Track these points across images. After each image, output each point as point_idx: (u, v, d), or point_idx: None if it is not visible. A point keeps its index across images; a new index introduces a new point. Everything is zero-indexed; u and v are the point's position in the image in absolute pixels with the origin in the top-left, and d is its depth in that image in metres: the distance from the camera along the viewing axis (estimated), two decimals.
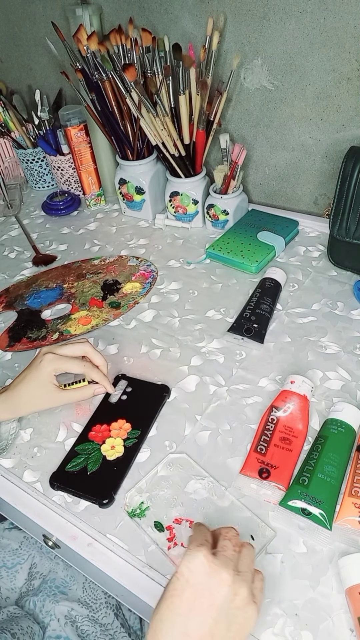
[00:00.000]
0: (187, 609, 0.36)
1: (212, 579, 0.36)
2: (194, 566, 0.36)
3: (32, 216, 1.11)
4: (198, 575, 0.36)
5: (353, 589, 0.43)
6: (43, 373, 0.58)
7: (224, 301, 0.79)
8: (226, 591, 0.36)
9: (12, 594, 0.71)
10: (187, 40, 0.89)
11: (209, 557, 0.37)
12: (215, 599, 0.36)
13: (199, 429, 0.61)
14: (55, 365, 0.58)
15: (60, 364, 0.58)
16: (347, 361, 0.67)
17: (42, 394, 0.59)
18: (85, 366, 0.59)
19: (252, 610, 0.37)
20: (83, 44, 0.86)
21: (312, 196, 0.95)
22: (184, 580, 0.36)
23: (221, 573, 0.36)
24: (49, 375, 0.58)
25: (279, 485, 0.53)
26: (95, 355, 0.62)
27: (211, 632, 0.35)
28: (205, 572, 0.36)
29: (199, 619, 0.35)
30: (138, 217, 1.04)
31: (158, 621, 0.36)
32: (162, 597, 0.37)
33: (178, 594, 0.36)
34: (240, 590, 0.36)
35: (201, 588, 0.36)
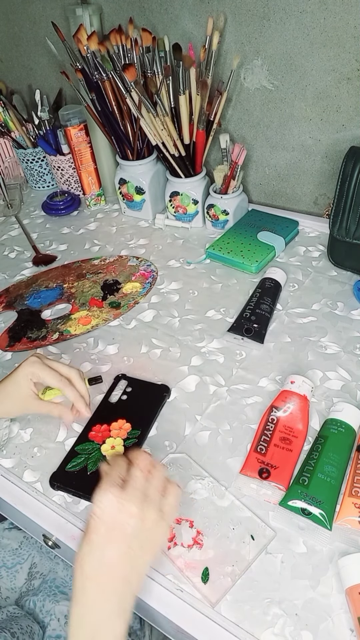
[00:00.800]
0: (103, 542, 0.41)
1: (121, 514, 0.41)
2: (105, 505, 0.42)
3: (32, 216, 1.11)
4: (109, 513, 0.41)
5: (353, 589, 0.43)
6: (20, 372, 0.57)
7: (224, 301, 0.79)
8: (135, 522, 0.41)
9: (12, 594, 0.71)
10: (187, 40, 0.89)
11: (117, 494, 0.42)
12: (126, 530, 0.41)
13: (199, 429, 0.61)
14: (34, 368, 0.57)
15: (39, 370, 0.57)
16: (347, 361, 0.67)
17: (16, 396, 0.58)
18: (61, 381, 0.57)
19: (162, 527, 0.43)
20: (83, 44, 0.86)
21: (312, 196, 0.95)
22: (97, 519, 0.41)
23: (129, 507, 0.41)
24: (25, 377, 0.57)
25: (279, 485, 0.53)
26: (79, 383, 0.59)
27: (127, 555, 0.41)
28: (115, 509, 0.41)
29: (114, 548, 0.41)
30: (138, 217, 1.04)
31: (81, 555, 0.41)
32: (83, 536, 0.42)
33: (94, 530, 0.41)
34: (148, 515, 0.42)
35: (113, 523, 0.41)
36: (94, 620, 0.40)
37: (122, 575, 0.41)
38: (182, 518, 0.52)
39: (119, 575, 0.41)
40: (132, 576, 0.42)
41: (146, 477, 0.44)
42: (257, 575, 0.47)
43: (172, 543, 0.50)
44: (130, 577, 0.42)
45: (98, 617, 0.40)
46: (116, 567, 0.41)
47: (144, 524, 0.42)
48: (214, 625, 0.45)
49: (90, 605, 0.40)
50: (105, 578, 0.41)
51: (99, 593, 0.40)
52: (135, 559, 0.42)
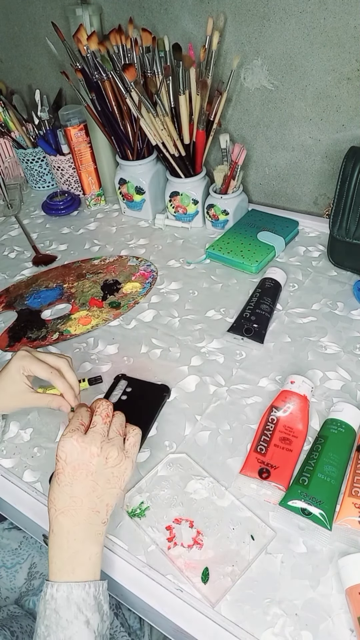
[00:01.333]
0: (70, 480, 0.46)
1: (83, 455, 0.47)
2: (67, 449, 0.47)
3: (32, 216, 1.11)
4: (72, 455, 0.47)
5: (353, 589, 0.43)
6: (11, 367, 0.57)
7: (224, 301, 0.79)
8: (97, 460, 0.47)
9: (12, 594, 0.71)
10: (187, 40, 0.89)
11: (79, 438, 0.47)
12: (90, 468, 0.47)
13: (199, 429, 0.61)
14: (24, 362, 0.57)
15: (29, 363, 0.57)
16: (347, 361, 0.67)
17: (11, 391, 0.58)
18: (52, 373, 0.57)
19: (126, 463, 0.48)
20: (83, 44, 0.86)
21: (312, 196, 0.95)
22: (62, 461, 0.47)
23: (90, 448, 0.47)
24: (17, 372, 0.57)
25: (279, 485, 0.53)
26: (69, 373, 0.59)
27: (93, 489, 0.47)
28: (77, 451, 0.47)
29: (81, 484, 0.46)
30: (138, 217, 1.04)
31: (52, 494, 0.47)
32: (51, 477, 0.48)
33: (61, 471, 0.47)
34: (109, 454, 0.47)
35: (77, 464, 0.46)
36: (70, 545, 0.45)
37: (90, 506, 0.46)
38: (182, 518, 0.52)
39: (88, 507, 0.46)
40: (100, 507, 0.47)
41: (105, 422, 0.49)
42: (257, 575, 0.47)
43: (172, 543, 0.50)
44: (99, 507, 0.47)
45: (73, 541, 0.45)
46: (84, 500, 0.46)
47: (106, 461, 0.47)
48: (214, 625, 0.45)
49: (65, 533, 0.46)
50: (75, 510, 0.46)
51: (71, 523, 0.46)
52: (101, 492, 0.47)
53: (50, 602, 0.43)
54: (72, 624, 0.42)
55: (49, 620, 0.43)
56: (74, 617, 0.43)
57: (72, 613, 0.43)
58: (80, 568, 0.45)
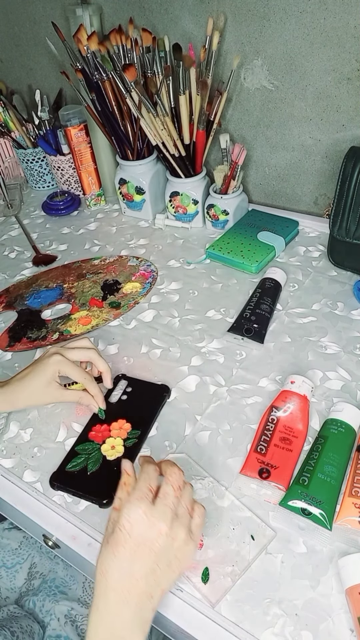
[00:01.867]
0: (130, 556, 0.41)
1: (151, 530, 0.41)
2: (134, 519, 0.41)
3: (32, 216, 1.11)
4: (138, 528, 0.41)
5: (353, 589, 0.43)
6: (48, 371, 0.59)
7: (224, 301, 0.79)
8: (164, 540, 0.41)
9: (12, 594, 0.71)
10: (187, 40, 0.89)
11: (148, 510, 0.42)
12: (154, 547, 0.41)
13: (199, 429, 0.61)
14: (61, 367, 0.60)
15: (65, 367, 0.60)
16: (347, 361, 0.67)
17: (44, 390, 0.60)
18: (85, 378, 0.61)
19: (190, 547, 0.43)
20: (83, 44, 0.86)
21: (312, 196, 0.95)
22: (125, 533, 0.41)
23: (159, 525, 0.41)
24: (54, 374, 0.60)
25: (279, 485, 0.53)
26: (100, 362, 0.63)
27: (153, 571, 0.41)
28: (144, 525, 0.41)
29: (141, 562, 0.41)
30: (138, 217, 1.04)
31: (106, 566, 0.41)
32: (107, 545, 0.42)
33: (122, 544, 0.41)
34: (177, 534, 0.42)
35: (142, 539, 0.41)
36: (114, 629, 0.40)
37: (145, 590, 0.41)
38: None
39: (143, 590, 0.41)
40: (155, 591, 0.42)
41: (176, 494, 0.44)
42: (257, 575, 0.47)
43: None
44: (154, 592, 0.42)
45: (118, 625, 0.40)
46: (141, 581, 0.41)
47: (173, 542, 0.42)
48: (214, 625, 0.45)
49: (111, 614, 0.41)
50: (129, 591, 0.41)
51: (120, 604, 0.40)
52: (160, 576, 0.42)
53: None
54: None
55: None
56: None
57: None
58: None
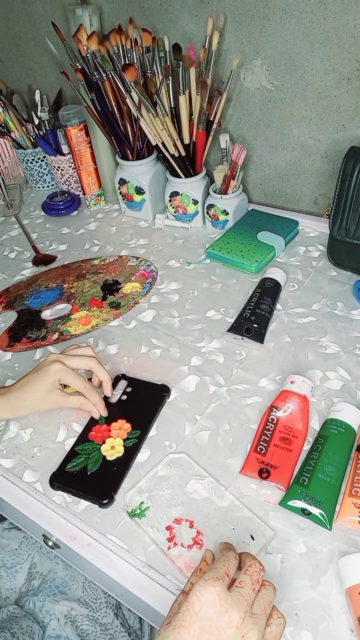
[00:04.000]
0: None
1: (221, 617, 0.36)
2: (205, 600, 0.36)
3: (32, 216, 1.11)
4: (208, 611, 0.36)
5: (353, 589, 0.43)
6: (49, 380, 0.60)
7: (224, 301, 0.79)
8: (233, 632, 0.35)
9: (12, 594, 0.71)
10: (187, 40, 0.89)
11: (222, 593, 0.37)
12: (221, 638, 0.35)
13: (199, 429, 0.61)
14: (61, 375, 0.60)
15: (65, 376, 0.60)
16: (347, 361, 0.67)
17: (45, 398, 0.61)
18: (85, 387, 0.61)
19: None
20: (83, 44, 0.86)
21: (312, 196, 0.95)
22: (193, 613, 0.36)
23: (232, 613, 0.36)
24: (54, 382, 0.60)
25: (279, 485, 0.53)
26: (100, 371, 0.63)
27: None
28: (215, 609, 0.36)
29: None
30: (138, 217, 1.04)
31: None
32: (169, 624, 0.37)
33: (186, 625, 0.36)
34: (249, 634, 0.36)
35: (209, 625, 0.36)
36: None
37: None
38: (182, 518, 0.52)
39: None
40: None
41: (254, 588, 0.39)
42: None
43: (172, 543, 0.50)
44: None
45: None
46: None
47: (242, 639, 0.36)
48: None
49: None
50: None
51: None
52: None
53: None
54: None
55: None
56: None
57: None
58: None
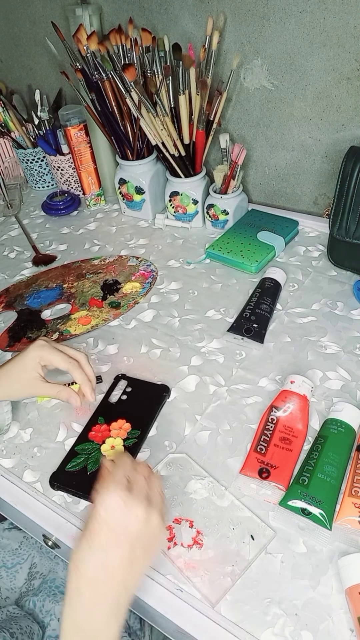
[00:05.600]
0: (106, 545, 0.39)
1: (128, 516, 0.40)
2: (110, 506, 0.40)
3: (32, 216, 1.11)
4: (114, 515, 0.40)
5: (353, 589, 0.43)
6: (28, 356, 0.57)
7: (223, 301, 0.79)
8: (141, 525, 0.40)
9: (12, 594, 0.71)
10: (187, 40, 0.89)
11: (124, 496, 0.40)
12: (131, 534, 0.40)
13: (199, 429, 0.61)
14: (42, 352, 0.56)
15: (48, 352, 0.56)
16: (347, 361, 0.67)
17: (22, 378, 0.57)
18: (70, 363, 0.56)
19: (163, 532, 0.43)
20: (83, 44, 0.86)
21: (312, 196, 0.95)
22: (101, 520, 0.40)
23: (136, 510, 0.40)
24: (33, 361, 0.56)
25: (279, 485, 0.53)
26: (87, 367, 0.59)
27: (129, 559, 0.40)
28: (121, 511, 0.40)
29: (117, 551, 0.40)
30: (138, 217, 1.04)
31: (79, 556, 0.40)
32: (82, 535, 0.40)
33: (97, 532, 0.40)
34: (152, 518, 0.41)
35: (118, 526, 0.40)
36: (89, 624, 0.39)
37: (121, 579, 0.40)
38: (182, 518, 0.52)
39: (118, 580, 0.40)
40: (130, 580, 0.40)
41: (147, 482, 0.44)
42: (257, 575, 0.47)
43: (172, 543, 0.50)
44: (129, 581, 0.40)
45: (93, 620, 0.39)
46: (116, 571, 0.39)
47: (148, 527, 0.41)
48: (214, 625, 0.45)
49: (85, 609, 0.39)
50: (104, 582, 0.39)
51: (95, 596, 0.39)
52: (135, 563, 0.40)
53: None
54: None
55: None
56: None
57: None
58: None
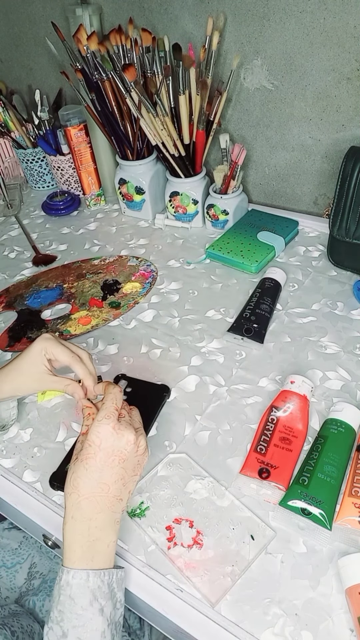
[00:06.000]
0: (101, 466, 0.46)
1: (120, 441, 0.47)
2: (103, 434, 0.46)
3: (32, 216, 1.11)
4: (108, 440, 0.46)
5: (353, 589, 0.43)
6: (34, 349, 0.57)
7: (224, 301, 0.79)
8: (131, 448, 0.47)
9: (12, 594, 0.71)
10: (187, 40, 0.89)
11: (115, 425, 0.47)
12: (123, 455, 0.47)
13: (199, 429, 0.61)
14: (47, 344, 0.57)
15: (52, 345, 0.57)
16: (347, 361, 0.67)
17: (31, 372, 0.58)
18: (73, 357, 0.57)
19: (147, 453, 0.50)
20: (83, 44, 0.86)
21: (312, 196, 0.95)
22: (95, 447, 0.46)
23: (127, 435, 0.47)
24: (39, 353, 0.57)
25: (279, 485, 0.53)
26: (89, 363, 0.59)
27: (121, 476, 0.47)
28: (114, 437, 0.47)
29: (111, 470, 0.46)
30: (138, 217, 1.04)
31: (76, 478, 0.46)
32: (76, 461, 0.47)
33: (92, 456, 0.46)
34: (141, 442, 0.48)
35: (111, 450, 0.46)
36: (89, 532, 0.45)
37: (115, 494, 0.47)
38: (182, 518, 0.52)
39: (113, 494, 0.46)
40: (123, 494, 0.48)
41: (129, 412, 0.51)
42: (257, 575, 0.47)
43: (172, 543, 0.50)
44: (122, 495, 0.47)
45: (93, 528, 0.45)
46: (111, 487, 0.46)
47: (137, 450, 0.48)
48: (214, 625, 0.45)
49: (86, 520, 0.45)
50: (101, 497, 0.46)
51: (93, 509, 0.46)
52: (127, 479, 0.48)
53: (66, 588, 0.43)
54: (86, 610, 0.43)
55: (62, 605, 0.43)
56: (89, 605, 0.43)
57: (87, 600, 0.43)
58: (99, 556, 0.45)
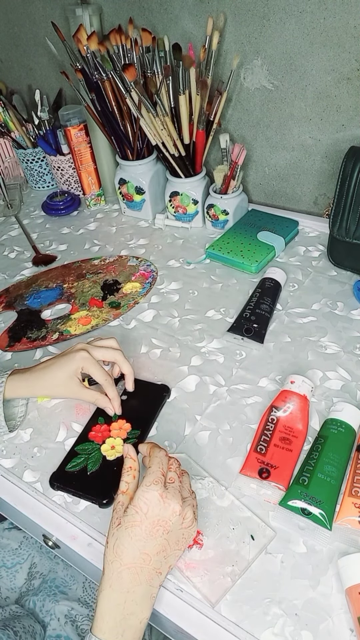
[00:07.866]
0: (145, 536, 0.45)
1: (166, 511, 0.45)
2: (150, 502, 0.45)
3: (32, 216, 1.11)
4: (154, 509, 0.45)
5: (353, 589, 0.43)
6: (73, 366, 0.60)
7: (224, 301, 0.79)
8: (176, 519, 0.46)
9: (12, 594, 0.71)
10: (187, 40, 0.89)
11: (163, 493, 0.46)
12: (168, 526, 0.45)
13: (199, 429, 0.61)
14: (85, 364, 0.60)
15: (89, 365, 0.60)
16: (347, 361, 0.67)
17: (64, 383, 0.61)
18: (106, 380, 0.61)
19: (194, 526, 0.48)
20: (83, 44, 0.86)
21: (312, 196, 0.95)
22: (142, 514, 0.45)
23: (173, 505, 0.46)
24: (77, 370, 0.60)
25: (279, 485, 0.53)
26: (124, 365, 0.63)
27: (163, 548, 0.45)
28: (160, 506, 0.45)
29: (155, 541, 0.45)
30: (138, 217, 1.04)
31: (120, 545, 0.44)
32: (119, 527, 0.45)
33: (138, 524, 0.45)
34: (187, 514, 0.47)
35: (157, 519, 0.45)
36: (126, 605, 0.44)
37: (156, 566, 0.45)
38: None
39: (154, 567, 0.45)
40: (163, 568, 0.46)
41: (180, 480, 0.49)
42: (257, 575, 0.47)
43: None
44: (162, 568, 0.46)
45: (131, 602, 0.44)
46: (153, 559, 0.45)
47: (183, 522, 0.46)
48: (214, 625, 0.45)
49: (124, 592, 0.44)
50: (141, 568, 0.44)
51: (133, 581, 0.44)
52: (169, 553, 0.46)
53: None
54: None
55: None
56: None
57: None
58: (130, 631, 0.44)
